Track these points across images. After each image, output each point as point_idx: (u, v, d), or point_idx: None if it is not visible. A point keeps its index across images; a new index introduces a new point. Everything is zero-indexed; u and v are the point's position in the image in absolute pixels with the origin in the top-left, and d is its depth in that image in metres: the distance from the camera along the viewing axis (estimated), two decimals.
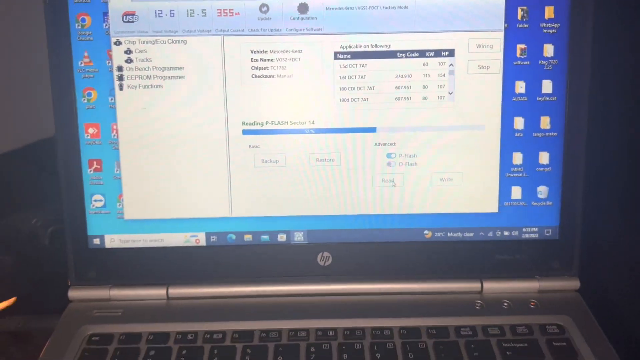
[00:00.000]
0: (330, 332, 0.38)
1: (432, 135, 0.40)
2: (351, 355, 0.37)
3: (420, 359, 0.36)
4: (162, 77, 0.40)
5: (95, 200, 0.41)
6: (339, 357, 0.36)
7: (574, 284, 0.42)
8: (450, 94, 0.40)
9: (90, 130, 0.40)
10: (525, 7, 0.39)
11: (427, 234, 0.42)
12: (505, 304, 0.41)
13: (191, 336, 0.38)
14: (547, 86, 0.40)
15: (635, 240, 0.42)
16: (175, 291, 0.42)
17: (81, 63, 0.39)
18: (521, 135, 0.40)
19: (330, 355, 0.37)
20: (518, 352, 0.37)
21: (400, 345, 0.37)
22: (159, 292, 0.41)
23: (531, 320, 0.39)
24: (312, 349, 0.37)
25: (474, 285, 0.42)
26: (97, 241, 0.41)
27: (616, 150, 0.44)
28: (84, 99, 0.40)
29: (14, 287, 0.44)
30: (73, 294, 0.41)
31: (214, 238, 0.42)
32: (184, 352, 0.37)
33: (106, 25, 0.39)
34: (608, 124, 0.44)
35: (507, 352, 0.37)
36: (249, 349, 0.37)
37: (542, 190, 0.41)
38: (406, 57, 0.40)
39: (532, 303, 0.41)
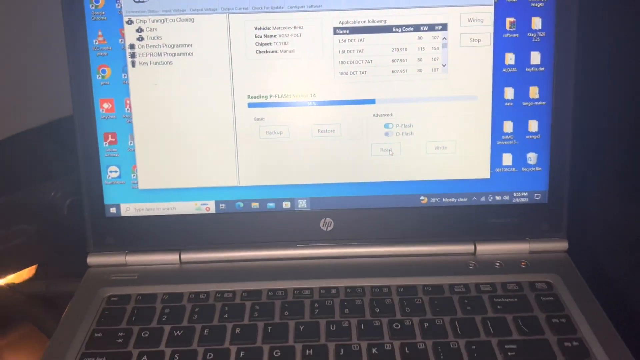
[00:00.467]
0: (333, 291, 0.41)
1: (427, 106, 0.43)
2: (352, 310, 0.39)
3: (416, 312, 0.39)
4: (171, 54, 0.42)
5: (111, 172, 0.43)
6: (340, 312, 0.39)
7: (563, 245, 0.44)
8: (444, 66, 0.42)
9: (105, 106, 0.43)
10: None
11: (423, 199, 0.44)
12: (497, 264, 0.43)
13: (203, 295, 0.41)
14: (535, 57, 0.42)
15: (620, 203, 0.45)
16: (187, 256, 0.44)
17: (96, 42, 0.42)
18: (511, 104, 0.43)
19: (333, 310, 0.39)
20: (508, 306, 0.39)
21: (398, 301, 0.40)
22: (172, 257, 0.44)
23: (521, 278, 0.42)
24: (316, 305, 0.40)
25: (468, 248, 0.44)
26: (113, 210, 0.44)
27: (602, 118, 0.46)
28: (99, 76, 0.42)
29: (35, 255, 0.47)
30: (92, 260, 0.44)
31: (223, 206, 0.44)
32: (197, 309, 0.40)
33: (118, 5, 0.41)
34: (594, 93, 0.46)
35: (498, 306, 0.39)
36: (257, 305, 0.40)
37: (532, 157, 0.43)
38: (402, 31, 0.42)
39: (522, 263, 0.43)
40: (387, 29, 0.42)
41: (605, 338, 0.37)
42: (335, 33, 0.42)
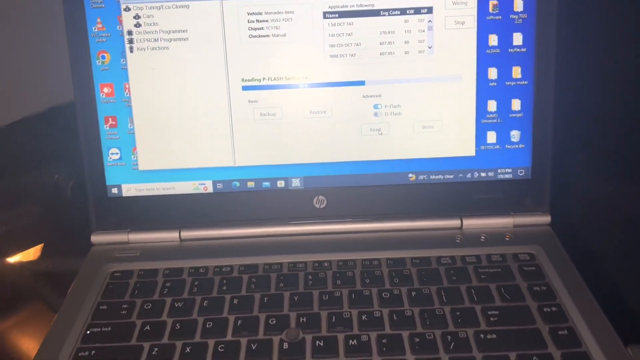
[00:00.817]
0: (326, 264, 0.43)
1: (414, 87, 0.44)
2: (343, 281, 0.41)
3: (405, 283, 0.41)
4: (168, 40, 0.44)
5: (112, 154, 0.45)
6: (333, 283, 0.41)
7: (546, 219, 0.46)
8: (430, 48, 0.44)
9: (105, 90, 0.44)
10: None
11: (412, 177, 0.46)
12: (483, 238, 0.45)
13: (202, 270, 0.43)
14: (517, 39, 0.44)
15: (601, 179, 0.47)
16: (187, 234, 0.46)
17: (95, 28, 0.44)
18: (495, 84, 0.44)
19: (326, 281, 0.41)
20: (492, 276, 0.41)
21: (387, 273, 0.42)
22: (172, 235, 0.46)
23: (505, 250, 0.44)
24: (310, 277, 0.42)
25: (454, 222, 0.46)
26: (115, 190, 0.46)
27: (583, 96, 0.48)
28: (99, 62, 0.44)
29: (41, 235, 0.49)
30: (95, 238, 0.46)
31: (220, 185, 0.46)
32: (197, 283, 0.42)
33: None
34: (576, 72, 0.48)
35: (482, 276, 0.41)
36: (254, 278, 0.42)
37: (515, 134, 0.45)
38: (389, 15, 0.44)
39: (507, 236, 0.45)
40: (375, 13, 0.44)
41: (583, 305, 0.39)
42: (325, 17, 0.44)
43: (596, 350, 0.35)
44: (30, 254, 0.49)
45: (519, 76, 0.44)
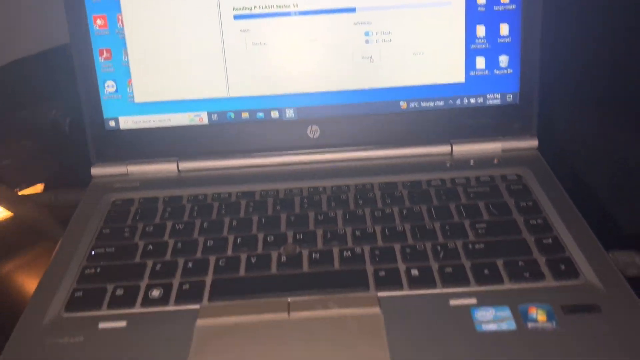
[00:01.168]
0: (320, 189, 0.45)
1: (404, 13, 0.45)
2: (338, 203, 0.43)
3: (396, 203, 0.42)
4: None
5: (108, 86, 0.46)
6: (327, 205, 0.43)
7: (533, 142, 0.48)
8: None
9: (99, 22, 0.45)
10: None
11: (403, 104, 0.47)
12: (472, 162, 0.47)
13: (201, 197, 0.44)
14: None
15: (586, 104, 0.48)
16: (184, 165, 0.48)
17: None
18: (483, 9, 0.45)
19: (320, 204, 0.43)
20: (480, 195, 0.43)
21: (380, 195, 0.44)
22: (170, 166, 0.47)
23: (494, 172, 0.45)
24: (305, 200, 0.43)
25: (445, 148, 0.48)
26: (112, 123, 0.47)
27: (569, 21, 0.48)
28: None
29: (41, 170, 0.50)
30: (95, 171, 0.47)
31: (215, 117, 0.47)
32: (196, 208, 0.43)
33: None
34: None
35: (471, 195, 0.43)
36: (252, 203, 0.43)
37: (503, 60, 0.46)
38: None
39: (496, 160, 0.47)
40: None
41: (568, 218, 0.40)
42: None
43: (579, 255, 0.37)
44: (33, 190, 0.50)
45: (507, 0, 0.45)
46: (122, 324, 0.34)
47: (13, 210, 0.47)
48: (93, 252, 0.40)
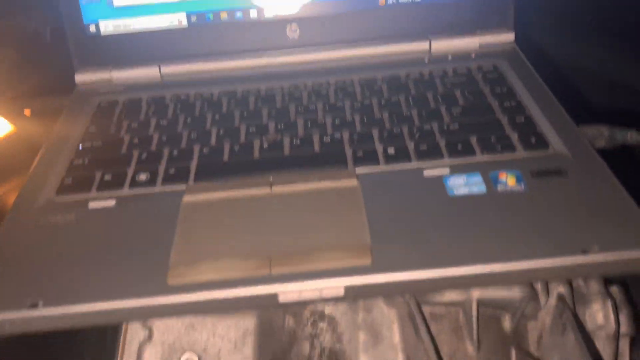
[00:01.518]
0: (302, 86, 0.45)
1: None
2: (318, 97, 0.44)
3: (375, 95, 0.43)
4: None
5: None
6: (308, 99, 0.44)
7: (510, 36, 0.48)
8: None
9: None
10: None
11: (381, 1, 0.47)
12: (450, 57, 0.47)
13: (184, 96, 0.45)
14: None
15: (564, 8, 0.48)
16: (167, 69, 0.48)
17: None
18: None
19: (301, 98, 0.44)
20: (457, 84, 0.44)
21: (360, 89, 0.44)
22: (153, 70, 0.48)
23: (471, 64, 0.46)
24: (287, 96, 0.44)
25: (423, 45, 0.48)
26: (92, 28, 0.47)
27: None
28: None
29: (22, 80, 0.51)
30: (79, 78, 0.48)
31: (194, 18, 0.47)
32: (179, 105, 0.44)
33: None
34: None
35: (447, 85, 0.44)
36: (234, 99, 0.44)
37: None
38: None
39: (473, 55, 0.48)
40: None
41: (542, 100, 0.41)
42: None
43: (550, 130, 0.38)
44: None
45: None
46: (111, 203, 0.35)
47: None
48: (80, 147, 0.41)
